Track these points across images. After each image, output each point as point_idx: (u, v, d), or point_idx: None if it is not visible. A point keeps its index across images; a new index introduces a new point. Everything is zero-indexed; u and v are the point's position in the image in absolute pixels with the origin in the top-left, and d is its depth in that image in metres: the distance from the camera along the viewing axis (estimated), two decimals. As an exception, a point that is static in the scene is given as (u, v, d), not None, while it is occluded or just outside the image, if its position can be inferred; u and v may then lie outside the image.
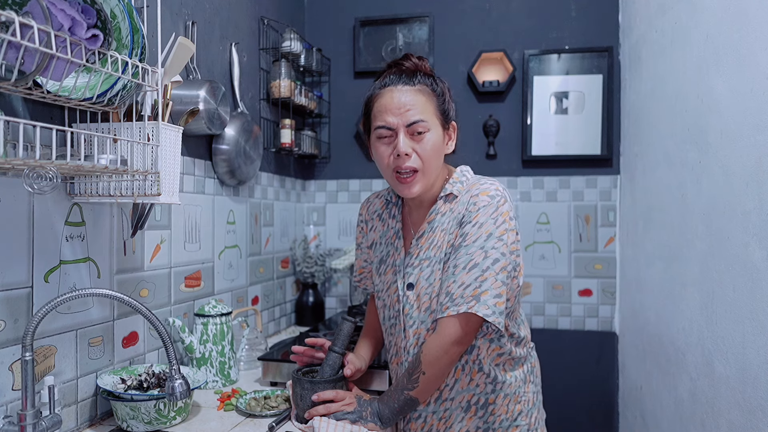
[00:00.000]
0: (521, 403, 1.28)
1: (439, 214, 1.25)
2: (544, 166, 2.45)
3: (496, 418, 1.26)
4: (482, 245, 1.15)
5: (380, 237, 1.38)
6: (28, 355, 1.01)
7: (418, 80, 1.22)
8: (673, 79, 1.75)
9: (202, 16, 1.72)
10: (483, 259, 1.14)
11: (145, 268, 1.45)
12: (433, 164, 1.21)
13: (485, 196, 1.18)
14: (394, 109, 1.19)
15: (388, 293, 1.32)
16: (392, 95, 1.20)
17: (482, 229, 1.16)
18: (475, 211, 1.17)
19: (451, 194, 1.25)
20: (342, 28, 2.61)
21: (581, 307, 2.43)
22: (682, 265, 1.65)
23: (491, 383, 1.25)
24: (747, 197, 1.26)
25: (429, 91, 1.22)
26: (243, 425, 1.28)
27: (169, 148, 1.18)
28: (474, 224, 1.16)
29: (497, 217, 1.16)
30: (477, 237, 1.15)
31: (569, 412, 2.41)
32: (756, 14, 1.23)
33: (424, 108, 1.19)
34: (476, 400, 1.26)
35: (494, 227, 1.16)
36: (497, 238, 1.15)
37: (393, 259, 1.32)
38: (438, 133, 1.21)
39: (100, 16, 0.96)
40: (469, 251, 1.15)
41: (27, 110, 1.08)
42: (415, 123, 1.18)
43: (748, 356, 1.25)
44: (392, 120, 1.19)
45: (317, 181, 2.67)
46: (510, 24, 2.47)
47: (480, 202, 1.18)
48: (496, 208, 1.17)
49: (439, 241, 1.23)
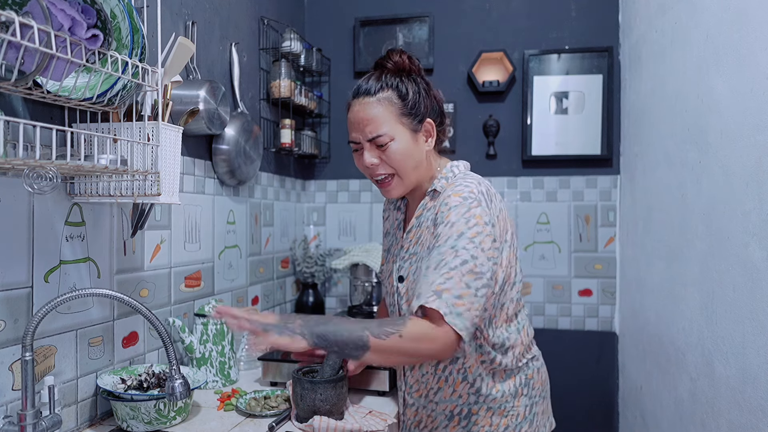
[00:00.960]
0: (507, 417, 1.25)
1: (425, 210, 1.26)
2: (544, 166, 2.45)
3: (480, 429, 1.25)
4: (453, 245, 1.10)
5: (390, 227, 1.43)
6: (28, 355, 1.01)
7: (381, 87, 1.21)
8: (673, 79, 1.75)
9: (202, 16, 1.72)
10: (452, 258, 1.09)
11: (145, 268, 1.45)
12: (407, 167, 1.22)
13: (457, 197, 1.15)
14: (355, 125, 1.23)
15: (389, 281, 1.36)
16: (354, 110, 1.23)
17: (453, 229, 1.12)
18: (447, 210, 1.15)
19: (435, 191, 1.25)
20: (342, 28, 2.61)
21: (581, 307, 2.43)
22: (682, 265, 1.65)
23: (474, 394, 1.24)
24: (747, 197, 1.26)
25: (391, 98, 1.21)
26: (243, 425, 1.28)
27: (169, 148, 1.18)
28: (446, 224, 1.13)
29: (469, 218, 1.12)
30: (448, 237, 1.12)
31: (569, 412, 2.41)
32: (756, 14, 1.23)
33: (383, 120, 1.20)
34: (459, 410, 1.26)
35: (465, 227, 1.11)
36: (469, 239, 1.10)
37: (394, 249, 1.36)
38: (404, 138, 1.21)
39: (100, 16, 0.96)
40: (441, 251, 1.11)
41: (27, 110, 1.08)
42: (374, 138, 1.20)
43: (748, 356, 1.25)
44: (355, 135, 1.23)
45: (317, 181, 2.67)
46: (510, 24, 2.47)
47: (451, 203, 1.15)
48: (468, 209, 1.13)
49: (424, 237, 1.24)
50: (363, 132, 1.21)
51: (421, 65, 1.29)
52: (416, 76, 1.26)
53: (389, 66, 1.25)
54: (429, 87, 1.28)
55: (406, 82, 1.24)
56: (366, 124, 1.20)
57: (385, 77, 1.23)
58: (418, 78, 1.26)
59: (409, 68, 1.26)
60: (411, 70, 1.26)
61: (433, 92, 1.29)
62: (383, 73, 1.24)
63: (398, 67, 1.25)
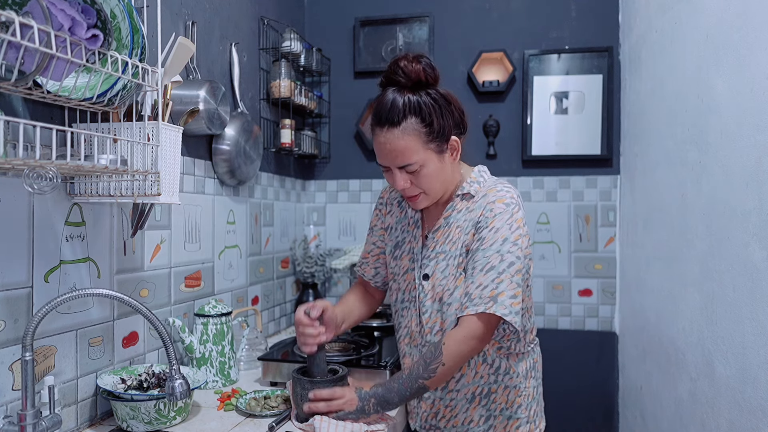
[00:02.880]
0: (521, 396, 1.34)
1: (455, 211, 1.32)
2: (544, 166, 2.45)
3: (498, 406, 1.33)
4: (498, 249, 1.21)
5: (396, 222, 1.44)
6: (28, 355, 1.01)
7: (403, 114, 1.19)
8: (673, 79, 1.75)
9: (202, 16, 1.72)
10: (499, 262, 1.20)
11: (145, 268, 1.45)
12: (435, 186, 1.27)
13: (501, 203, 1.25)
14: (384, 155, 1.24)
15: (404, 278, 1.38)
16: (379, 140, 1.23)
17: (498, 234, 1.22)
18: (492, 217, 1.24)
19: (468, 193, 1.31)
20: (342, 28, 2.61)
21: (581, 307, 2.43)
22: (682, 265, 1.65)
23: (493, 374, 1.32)
24: (747, 197, 1.26)
25: (415, 126, 1.20)
26: (243, 425, 1.28)
27: (169, 148, 1.18)
28: (491, 229, 1.23)
29: (512, 223, 1.23)
30: (493, 241, 1.22)
31: (569, 412, 2.41)
32: (756, 14, 1.23)
33: (412, 151, 1.21)
34: (480, 390, 1.33)
35: (509, 232, 1.22)
36: (512, 243, 1.21)
37: (410, 246, 1.38)
38: (433, 162, 1.23)
39: (100, 16, 0.96)
40: (486, 254, 1.21)
41: (27, 110, 1.08)
42: (405, 166, 1.23)
43: (748, 356, 1.25)
44: (385, 162, 1.26)
45: (317, 181, 2.67)
46: (510, 24, 2.47)
47: (496, 209, 1.24)
48: (511, 215, 1.23)
49: (455, 237, 1.30)
50: (393, 161, 1.23)
51: (437, 70, 1.24)
52: (433, 90, 1.23)
53: (402, 81, 1.21)
54: (449, 98, 1.25)
55: (427, 101, 1.20)
56: (395, 156, 1.22)
57: (404, 100, 1.20)
58: (435, 93, 1.23)
59: (426, 80, 1.22)
60: (428, 82, 1.22)
61: (453, 100, 1.26)
62: (402, 94, 1.20)
63: (413, 81, 1.21)
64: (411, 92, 1.21)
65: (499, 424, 1.33)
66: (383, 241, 1.48)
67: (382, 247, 1.48)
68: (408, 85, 1.22)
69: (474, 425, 1.33)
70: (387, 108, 1.21)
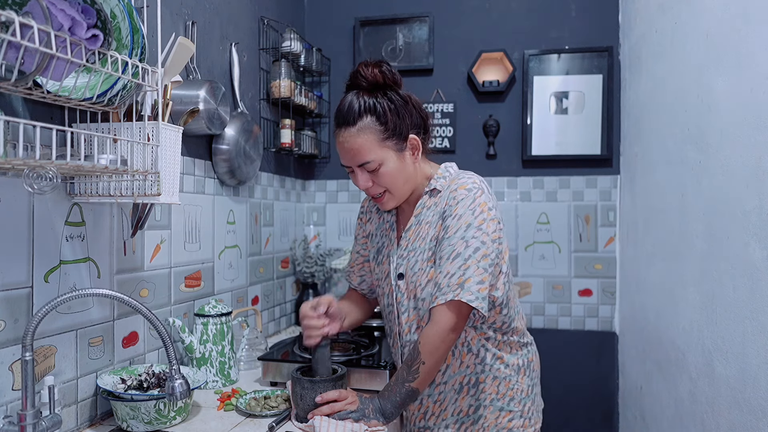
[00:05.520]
0: (513, 390, 1.34)
1: (424, 208, 1.33)
2: (544, 166, 2.45)
3: (487, 396, 1.33)
4: (462, 235, 1.21)
5: (376, 229, 1.46)
6: (28, 355, 1.01)
7: (359, 114, 1.23)
8: (673, 79, 1.75)
9: (202, 16, 1.72)
10: (464, 249, 1.21)
11: (145, 268, 1.45)
12: (398, 184, 1.29)
13: (463, 189, 1.25)
14: (343, 154, 1.28)
15: (386, 282, 1.39)
16: (339, 140, 1.27)
17: (461, 221, 1.22)
18: (455, 204, 1.24)
19: (435, 189, 1.32)
20: (342, 28, 2.61)
21: (581, 307, 2.43)
22: (682, 265, 1.65)
23: (480, 364, 1.33)
24: (747, 197, 1.26)
25: (370, 125, 1.23)
26: (243, 425, 1.28)
27: (169, 148, 1.18)
28: (454, 217, 1.24)
29: (474, 208, 1.23)
30: (457, 228, 1.22)
31: (569, 412, 2.41)
32: (756, 14, 1.23)
33: (368, 148, 1.24)
34: (467, 380, 1.33)
35: (473, 218, 1.22)
36: (476, 228, 1.22)
37: (388, 250, 1.39)
38: (391, 160, 1.26)
39: (100, 16, 0.96)
40: (451, 242, 1.22)
41: (27, 110, 1.08)
42: (363, 164, 1.26)
43: (748, 356, 1.25)
44: (345, 161, 1.29)
45: (317, 181, 2.67)
46: (510, 24, 2.47)
47: (458, 196, 1.25)
48: (473, 200, 1.23)
49: (425, 233, 1.31)
50: (353, 160, 1.26)
51: (396, 74, 1.29)
52: (391, 91, 1.27)
53: (363, 84, 1.26)
54: (407, 99, 1.29)
55: (383, 101, 1.25)
56: (353, 154, 1.25)
57: (360, 101, 1.24)
58: (393, 94, 1.27)
59: (383, 82, 1.26)
60: (386, 84, 1.27)
61: (412, 102, 1.30)
62: (359, 96, 1.25)
63: (371, 84, 1.26)
64: (368, 94, 1.25)
65: (490, 414, 1.33)
66: (366, 249, 1.50)
67: (365, 255, 1.50)
68: (367, 88, 1.26)
69: (464, 415, 1.34)
70: (345, 109, 1.26)
